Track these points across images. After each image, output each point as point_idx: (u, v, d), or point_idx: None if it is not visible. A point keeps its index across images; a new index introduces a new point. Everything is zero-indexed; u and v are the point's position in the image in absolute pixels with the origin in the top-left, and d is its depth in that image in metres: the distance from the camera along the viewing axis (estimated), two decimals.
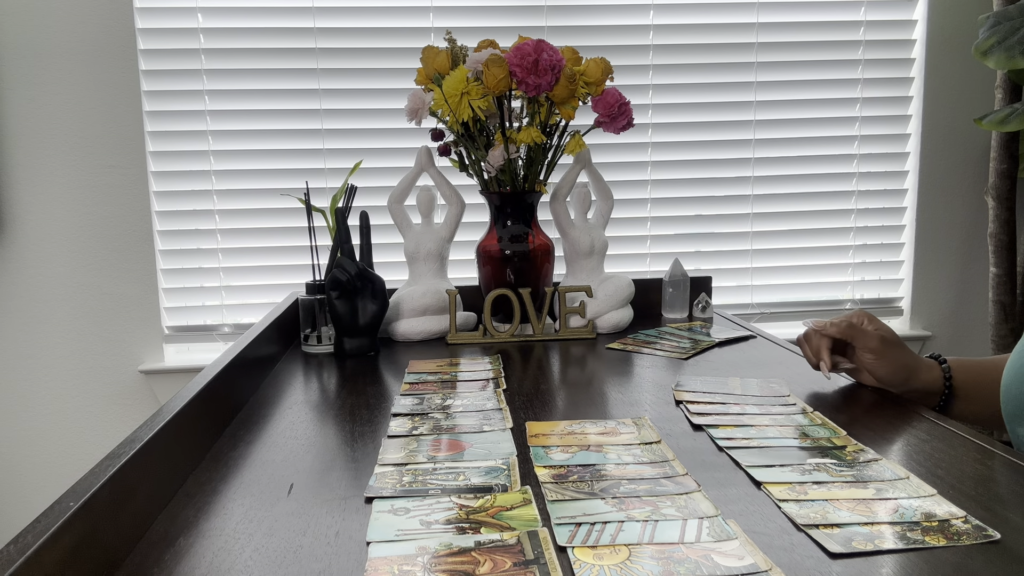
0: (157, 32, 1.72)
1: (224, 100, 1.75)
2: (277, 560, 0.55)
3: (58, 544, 0.47)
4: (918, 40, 1.88)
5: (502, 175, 1.25)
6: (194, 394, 0.76)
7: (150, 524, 0.61)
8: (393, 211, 1.32)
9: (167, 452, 0.67)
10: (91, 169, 1.72)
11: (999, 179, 1.77)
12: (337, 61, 1.77)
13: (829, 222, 1.92)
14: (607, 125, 1.26)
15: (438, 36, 1.77)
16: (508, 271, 1.28)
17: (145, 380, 1.78)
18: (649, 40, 1.83)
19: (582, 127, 1.30)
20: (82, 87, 1.70)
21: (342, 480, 0.69)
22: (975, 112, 1.87)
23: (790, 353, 1.12)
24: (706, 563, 0.52)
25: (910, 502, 0.61)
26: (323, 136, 1.78)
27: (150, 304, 1.77)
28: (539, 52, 1.15)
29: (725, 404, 0.87)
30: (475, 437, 0.78)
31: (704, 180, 1.88)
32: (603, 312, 1.28)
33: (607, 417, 0.85)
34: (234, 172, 1.77)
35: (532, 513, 0.60)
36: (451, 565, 0.52)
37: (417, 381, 1.00)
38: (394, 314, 1.25)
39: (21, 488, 1.79)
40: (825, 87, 1.88)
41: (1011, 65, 1.54)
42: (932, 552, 0.54)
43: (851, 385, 0.95)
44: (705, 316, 1.40)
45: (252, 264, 1.80)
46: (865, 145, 1.91)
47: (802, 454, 0.72)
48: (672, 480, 0.66)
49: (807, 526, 0.57)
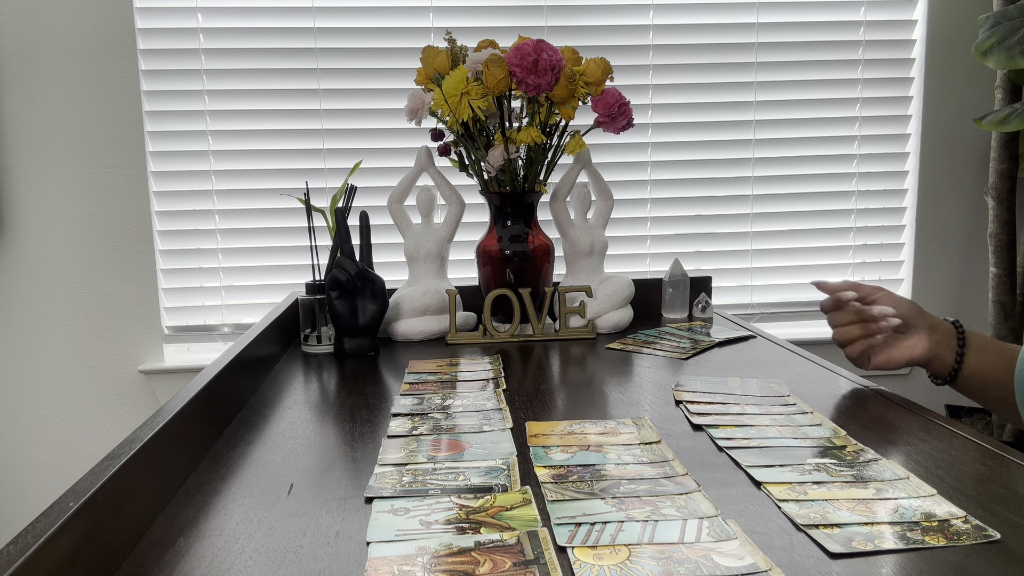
0: (157, 32, 1.72)
1: (224, 100, 1.75)
2: (277, 560, 0.55)
3: (58, 544, 0.47)
4: (918, 40, 1.88)
5: (502, 175, 1.25)
6: (194, 394, 0.76)
7: (150, 524, 0.61)
8: (393, 211, 1.32)
9: (167, 452, 0.67)
10: (91, 169, 1.72)
11: (999, 179, 1.77)
12: (337, 61, 1.77)
13: (829, 222, 1.92)
14: (607, 125, 1.26)
15: (438, 36, 1.77)
16: (508, 271, 1.28)
17: (145, 380, 1.78)
18: (649, 40, 1.83)
19: (582, 127, 1.30)
20: (82, 87, 1.70)
21: (342, 480, 0.69)
22: (975, 112, 1.87)
23: (790, 353, 1.12)
24: (706, 563, 0.52)
25: (910, 502, 0.61)
26: (323, 136, 1.78)
27: (150, 304, 1.77)
28: (539, 52, 1.15)
29: (725, 404, 0.87)
30: (475, 437, 0.78)
31: (704, 180, 1.88)
32: (603, 312, 1.28)
33: (607, 417, 0.85)
34: (234, 172, 1.77)
35: (532, 513, 0.60)
36: (451, 565, 0.52)
37: (417, 381, 1.00)
38: (394, 314, 1.25)
39: (21, 488, 1.79)
40: (825, 87, 1.88)
41: (1011, 65, 1.54)
42: (932, 552, 0.54)
43: (851, 385, 0.95)
44: (705, 316, 1.40)
45: (252, 264, 1.80)
46: (865, 145, 1.91)
47: (802, 454, 0.72)
48: (672, 480, 0.66)
49: (807, 526, 0.57)
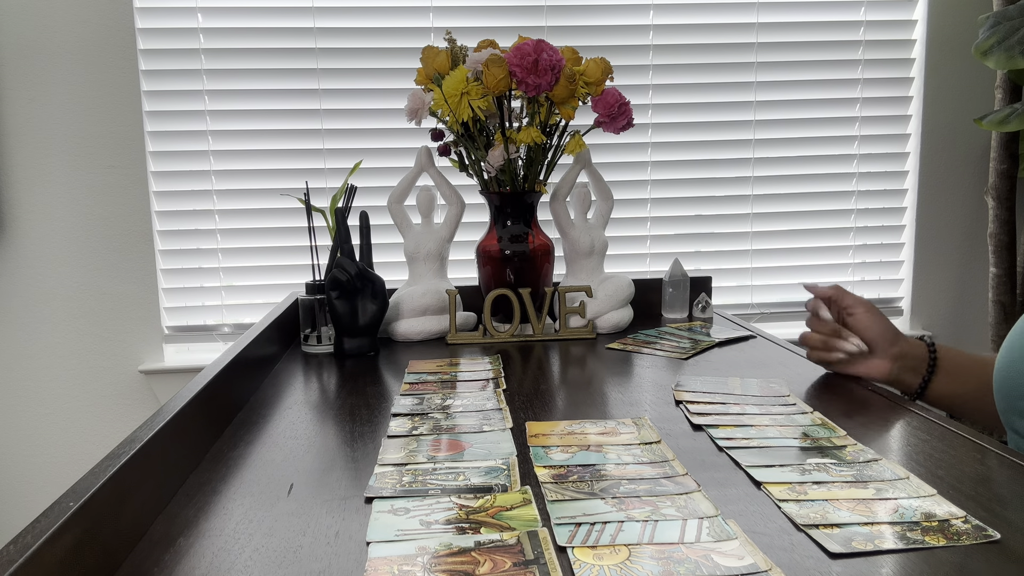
0: (157, 32, 1.72)
1: (224, 100, 1.75)
2: (277, 560, 0.55)
3: (58, 544, 0.47)
4: (918, 40, 1.88)
5: (502, 175, 1.25)
6: (194, 394, 0.76)
7: (150, 524, 0.61)
8: (393, 211, 1.32)
9: (167, 452, 0.67)
10: (91, 169, 1.72)
11: (999, 179, 1.77)
12: (337, 61, 1.77)
13: (829, 222, 1.92)
14: (607, 125, 1.25)
15: (438, 36, 1.77)
16: (508, 271, 1.28)
17: (145, 380, 1.78)
18: (649, 40, 1.83)
19: (582, 127, 1.30)
20: (82, 87, 1.70)
21: (342, 480, 0.69)
22: (975, 112, 1.87)
23: (790, 353, 1.12)
24: (706, 563, 0.52)
25: (910, 502, 0.61)
26: (323, 136, 1.78)
27: (150, 304, 1.77)
28: (539, 52, 1.15)
29: (725, 404, 0.87)
30: (475, 437, 0.78)
31: (704, 180, 1.88)
32: (603, 312, 1.28)
33: (607, 417, 0.85)
34: (234, 172, 1.77)
35: (532, 513, 0.60)
36: (451, 565, 0.52)
37: (417, 381, 1.00)
38: (394, 314, 1.25)
39: (21, 488, 1.79)
40: (825, 87, 1.88)
41: (1011, 65, 1.54)
42: (932, 552, 0.54)
43: (851, 385, 0.95)
44: (705, 316, 1.40)
45: (252, 264, 1.80)
46: (865, 145, 1.91)
47: (802, 454, 0.72)
48: (672, 480, 0.66)
49: (807, 526, 0.57)
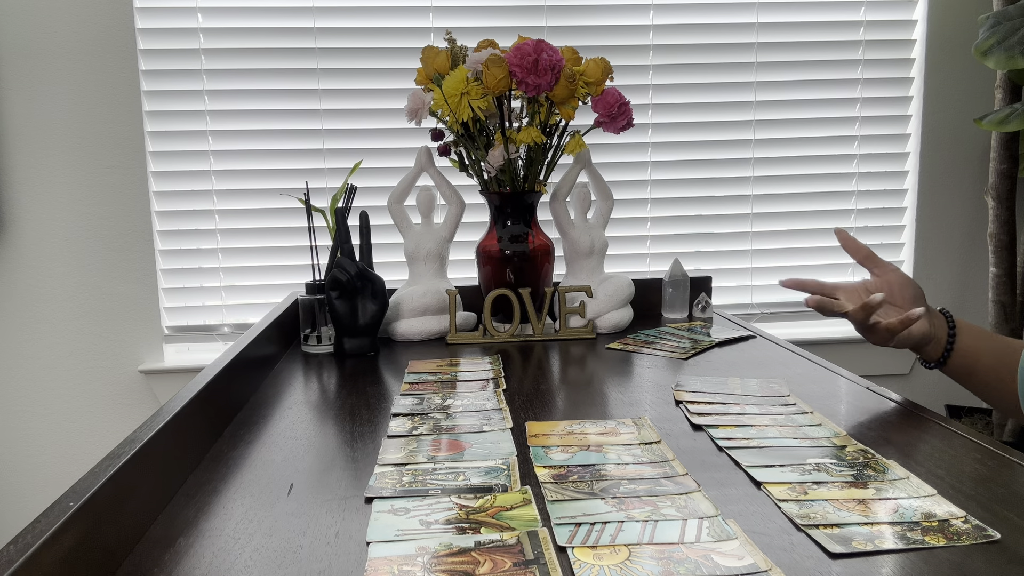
0: (157, 32, 1.72)
1: (224, 100, 1.75)
2: (277, 560, 0.55)
3: (58, 544, 0.47)
4: (918, 40, 1.88)
5: (502, 175, 1.25)
6: (194, 394, 0.76)
7: (150, 524, 0.61)
8: (393, 211, 1.32)
9: (167, 452, 0.67)
10: (91, 169, 1.72)
11: (999, 179, 1.77)
12: (337, 61, 1.77)
13: (829, 222, 1.92)
14: (607, 125, 1.26)
15: (438, 36, 1.77)
16: (508, 271, 1.28)
17: (145, 380, 1.78)
18: (649, 40, 1.83)
19: (582, 127, 1.30)
20: (82, 87, 1.70)
21: (342, 480, 0.69)
22: (975, 112, 1.87)
23: (790, 353, 1.12)
24: (706, 563, 0.52)
25: (910, 502, 0.61)
26: (323, 136, 1.78)
27: (150, 304, 1.77)
28: (539, 52, 1.15)
29: (725, 404, 0.87)
30: (475, 437, 0.78)
31: (704, 180, 1.88)
32: (603, 312, 1.28)
33: (607, 417, 0.85)
34: (234, 172, 1.77)
35: (532, 513, 0.60)
36: (451, 565, 0.52)
37: (417, 381, 1.00)
38: (394, 314, 1.25)
39: (21, 488, 1.79)
40: (825, 87, 1.88)
41: (1011, 65, 1.54)
42: (932, 552, 0.54)
43: (851, 385, 0.95)
44: (705, 316, 1.40)
45: (252, 264, 1.80)
46: (865, 145, 1.91)
47: (802, 454, 0.72)
48: (672, 480, 0.66)
49: (807, 526, 0.57)
